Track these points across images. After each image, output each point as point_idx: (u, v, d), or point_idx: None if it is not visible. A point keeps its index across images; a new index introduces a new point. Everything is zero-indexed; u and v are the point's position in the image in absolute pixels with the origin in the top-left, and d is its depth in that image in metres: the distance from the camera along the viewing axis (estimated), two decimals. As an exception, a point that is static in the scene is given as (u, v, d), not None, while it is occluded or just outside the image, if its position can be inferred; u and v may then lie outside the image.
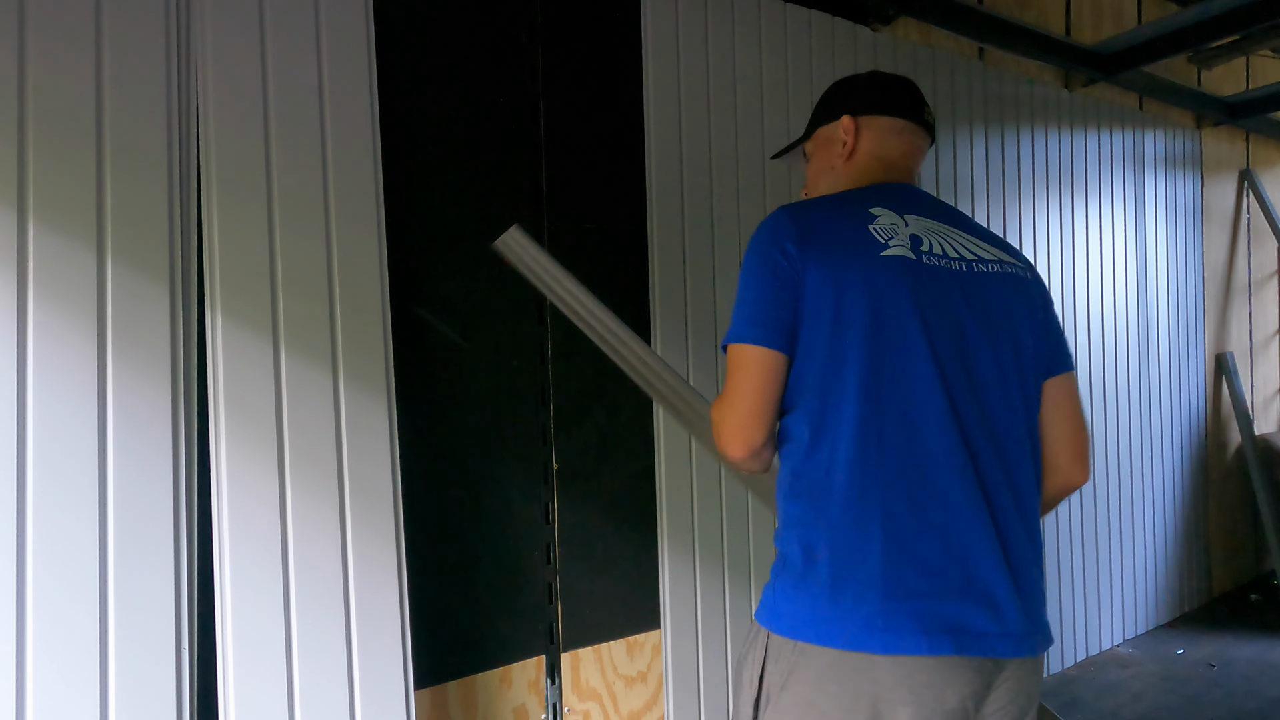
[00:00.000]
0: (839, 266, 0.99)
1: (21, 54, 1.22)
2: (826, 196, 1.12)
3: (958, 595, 0.94)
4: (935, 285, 1.01)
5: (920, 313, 0.98)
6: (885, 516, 0.95)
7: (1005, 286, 1.07)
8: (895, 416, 0.97)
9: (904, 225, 1.04)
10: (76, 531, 1.21)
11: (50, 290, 1.22)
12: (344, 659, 1.41)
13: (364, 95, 1.51)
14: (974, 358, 1.01)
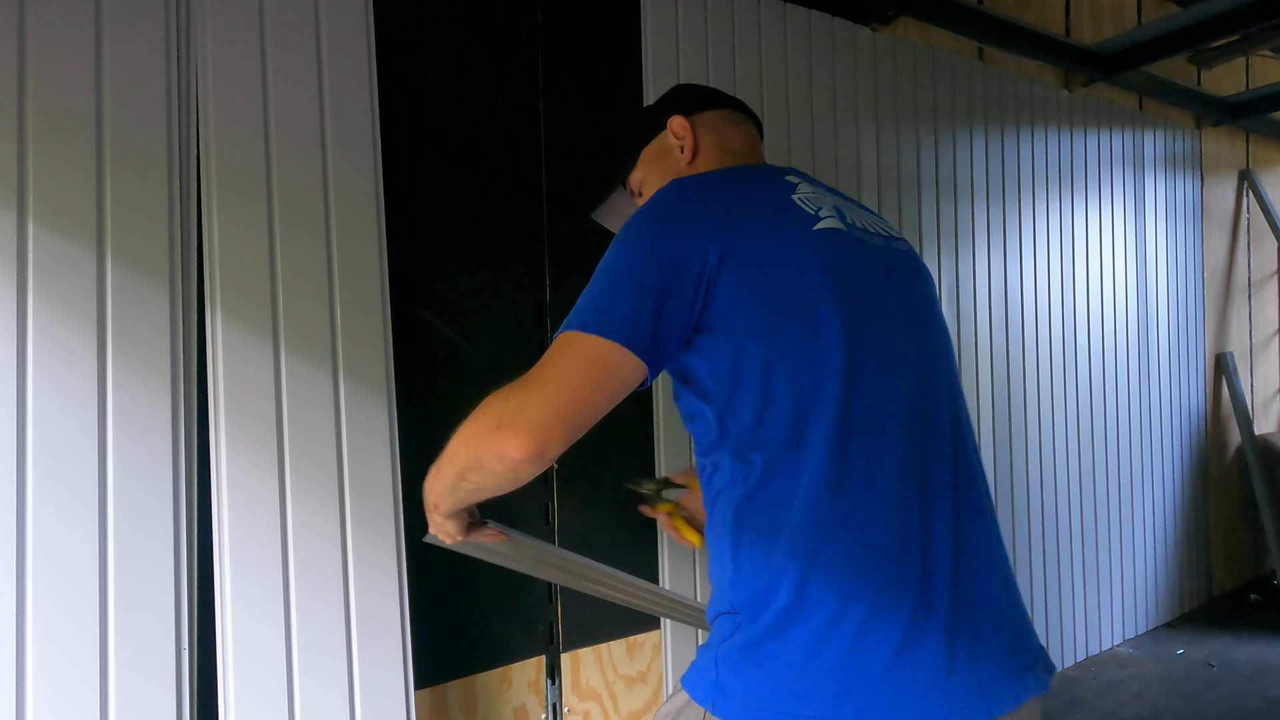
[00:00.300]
0: (770, 256, 0.81)
1: (21, 54, 1.22)
2: (723, 171, 0.92)
3: (966, 643, 0.78)
4: (869, 263, 0.86)
5: (852, 295, 0.83)
6: (870, 558, 0.78)
7: (914, 265, 0.96)
8: (866, 427, 0.81)
9: (825, 195, 0.89)
10: (76, 531, 1.21)
11: (50, 290, 1.22)
12: (344, 659, 1.41)
13: (364, 95, 1.51)
14: (914, 340, 0.88)
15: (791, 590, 0.77)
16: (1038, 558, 2.79)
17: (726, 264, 0.81)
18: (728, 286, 0.81)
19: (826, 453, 0.78)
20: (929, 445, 0.84)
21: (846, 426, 0.79)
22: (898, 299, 0.88)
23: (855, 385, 0.80)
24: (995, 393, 2.67)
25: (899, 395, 0.83)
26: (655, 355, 0.81)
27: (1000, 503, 2.67)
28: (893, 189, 2.39)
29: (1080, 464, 2.97)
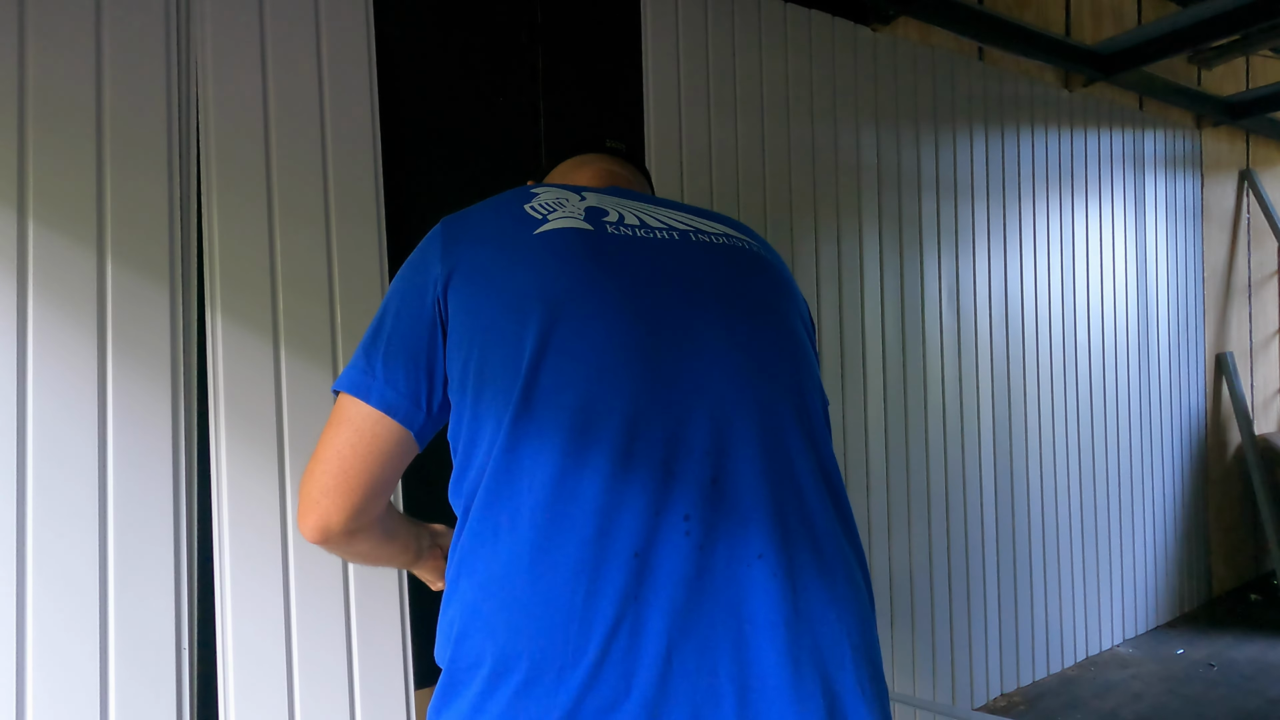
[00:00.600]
0: (486, 268, 0.75)
1: (21, 54, 1.22)
2: (479, 204, 0.88)
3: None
4: (625, 256, 0.76)
5: (606, 285, 0.73)
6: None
7: (739, 258, 0.83)
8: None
9: (578, 199, 0.81)
10: (76, 531, 1.21)
11: (50, 290, 1.22)
12: (344, 659, 1.41)
13: (364, 95, 1.51)
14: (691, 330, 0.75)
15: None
16: (1038, 558, 2.80)
17: (451, 286, 0.75)
18: (454, 313, 0.74)
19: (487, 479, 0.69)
20: (673, 458, 0.69)
21: (513, 443, 0.68)
22: (674, 292, 0.75)
23: (540, 387, 0.69)
24: (995, 393, 2.67)
25: (622, 399, 0.69)
26: (407, 410, 0.74)
27: (1000, 502, 2.67)
28: (893, 189, 2.39)
29: (1080, 464, 2.97)
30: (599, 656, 0.64)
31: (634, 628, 0.65)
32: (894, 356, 2.38)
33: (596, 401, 0.68)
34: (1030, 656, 2.76)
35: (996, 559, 2.66)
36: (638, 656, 0.64)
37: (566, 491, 0.67)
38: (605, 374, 0.69)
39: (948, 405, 2.52)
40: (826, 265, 2.22)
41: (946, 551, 2.50)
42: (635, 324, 0.72)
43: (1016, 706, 2.59)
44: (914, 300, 2.44)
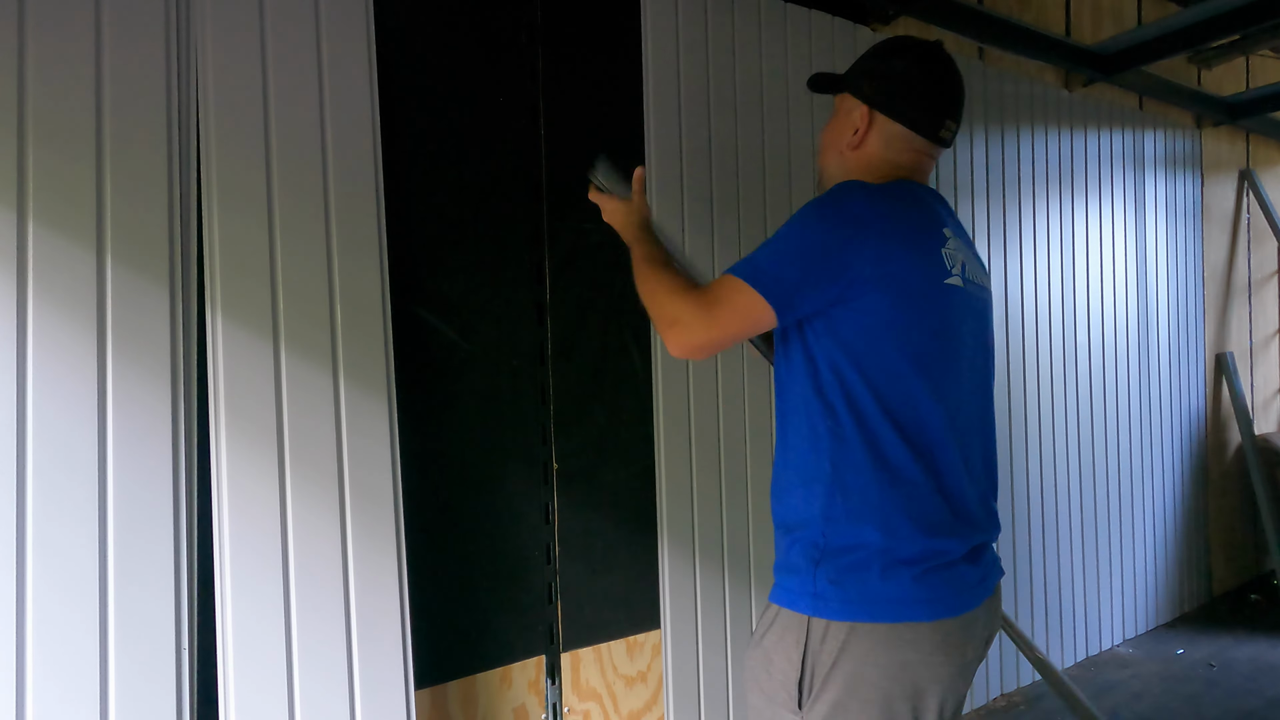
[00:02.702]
0: (914, 286, 1.05)
1: (21, 54, 1.22)
2: (901, 192, 1.11)
3: (961, 560, 1.06)
4: (968, 311, 1.12)
5: (961, 333, 1.11)
6: (920, 501, 1.04)
7: (989, 305, 1.22)
8: (941, 418, 1.06)
9: (957, 251, 1.12)
10: (76, 532, 1.21)
11: (50, 290, 1.22)
12: (344, 659, 1.41)
13: (364, 95, 1.51)
14: (979, 363, 1.16)
15: (866, 531, 1.06)
16: (1038, 558, 2.80)
17: (876, 286, 1.03)
18: (875, 292, 1.04)
19: (886, 441, 1.06)
20: (969, 439, 1.12)
21: (901, 423, 1.06)
22: (978, 338, 1.16)
23: (914, 392, 1.06)
24: (995, 392, 2.66)
25: (948, 408, 1.08)
26: (793, 319, 1.08)
27: (1000, 502, 2.67)
28: (893, 189, 2.39)
29: (1080, 464, 2.97)
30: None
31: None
32: (894, 356, 2.37)
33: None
34: (1030, 656, 2.76)
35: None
36: None
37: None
38: (942, 390, 1.10)
39: (948, 405, 2.52)
40: (826, 265, 2.21)
41: (946, 551, 2.49)
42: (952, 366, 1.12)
43: (1016, 706, 2.59)
44: (914, 300, 2.43)
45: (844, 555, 1.04)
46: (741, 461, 2.01)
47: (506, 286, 1.72)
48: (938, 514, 1.04)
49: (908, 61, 1.15)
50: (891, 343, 1.04)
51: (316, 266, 1.44)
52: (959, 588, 1.04)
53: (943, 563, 1.03)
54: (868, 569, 1.02)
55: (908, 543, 1.02)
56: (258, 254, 1.39)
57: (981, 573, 1.09)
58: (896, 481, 1.04)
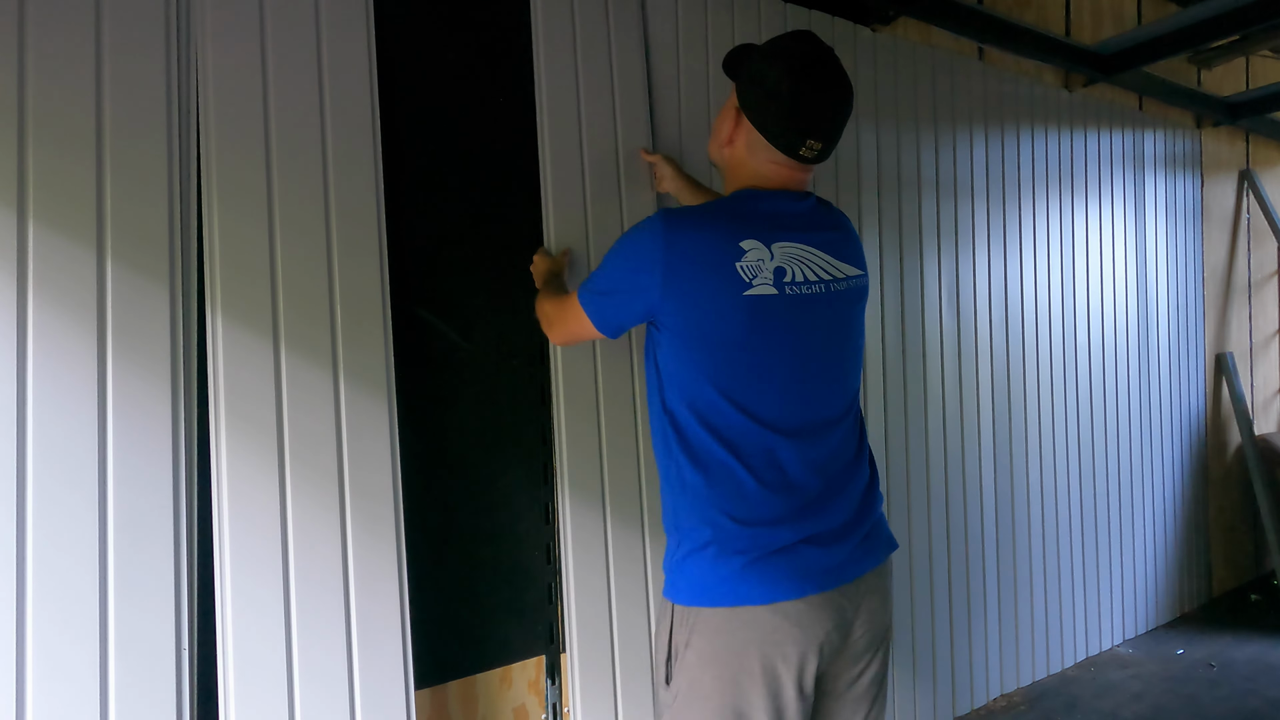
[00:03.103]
0: (705, 304, 1.12)
1: (21, 54, 1.22)
2: (703, 214, 1.18)
3: (800, 544, 1.14)
4: (795, 311, 1.16)
5: (780, 336, 1.15)
6: (742, 497, 1.13)
7: (850, 300, 1.24)
8: (748, 422, 1.14)
9: (770, 259, 1.14)
10: (76, 532, 1.21)
11: (50, 290, 1.22)
12: (344, 659, 1.41)
13: (364, 95, 1.51)
14: (816, 362, 1.20)
15: (706, 526, 1.17)
16: (1038, 558, 2.80)
17: (671, 310, 1.14)
18: (670, 313, 1.15)
19: (727, 443, 1.16)
20: (807, 434, 1.19)
21: (736, 427, 1.16)
22: (820, 333, 1.20)
23: (745, 394, 1.15)
24: (995, 392, 2.67)
25: (782, 398, 1.17)
26: (614, 332, 1.27)
27: (1000, 502, 2.67)
28: (893, 189, 2.39)
29: (1080, 464, 2.97)
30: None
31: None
32: (894, 356, 2.38)
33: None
34: (1030, 656, 2.76)
35: (996, 559, 2.66)
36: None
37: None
38: (771, 389, 1.17)
39: (948, 405, 2.52)
40: (826, 265, 2.22)
41: (946, 551, 2.50)
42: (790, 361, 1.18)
43: (1016, 706, 2.59)
44: (914, 300, 2.44)
45: (688, 545, 1.16)
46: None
47: (506, 286, 1.72)
48: (763, 508, 1.13)
49: (779, 71, 1.12)
50: (693, 356, 1.14)
51: (317, 266, 1.44)
52: (798, 572, 1.12)
53: (772, 550, 1.12)
54: (703, 558, 1.13)
55: (733, 534, 1.12)
56: (258, 254, 1.39)
57: (840, 555, 1.16)
58: (717, 480, 1.14)
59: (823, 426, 1.20)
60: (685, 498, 1.17)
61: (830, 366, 1.22)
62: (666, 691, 1.17)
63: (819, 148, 1.16)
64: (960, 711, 2.52)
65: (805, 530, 1.14)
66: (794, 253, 1.16)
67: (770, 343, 1.14)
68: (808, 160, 1.18)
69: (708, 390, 1.14)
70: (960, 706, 2.52)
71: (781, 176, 1.20)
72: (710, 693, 1.11)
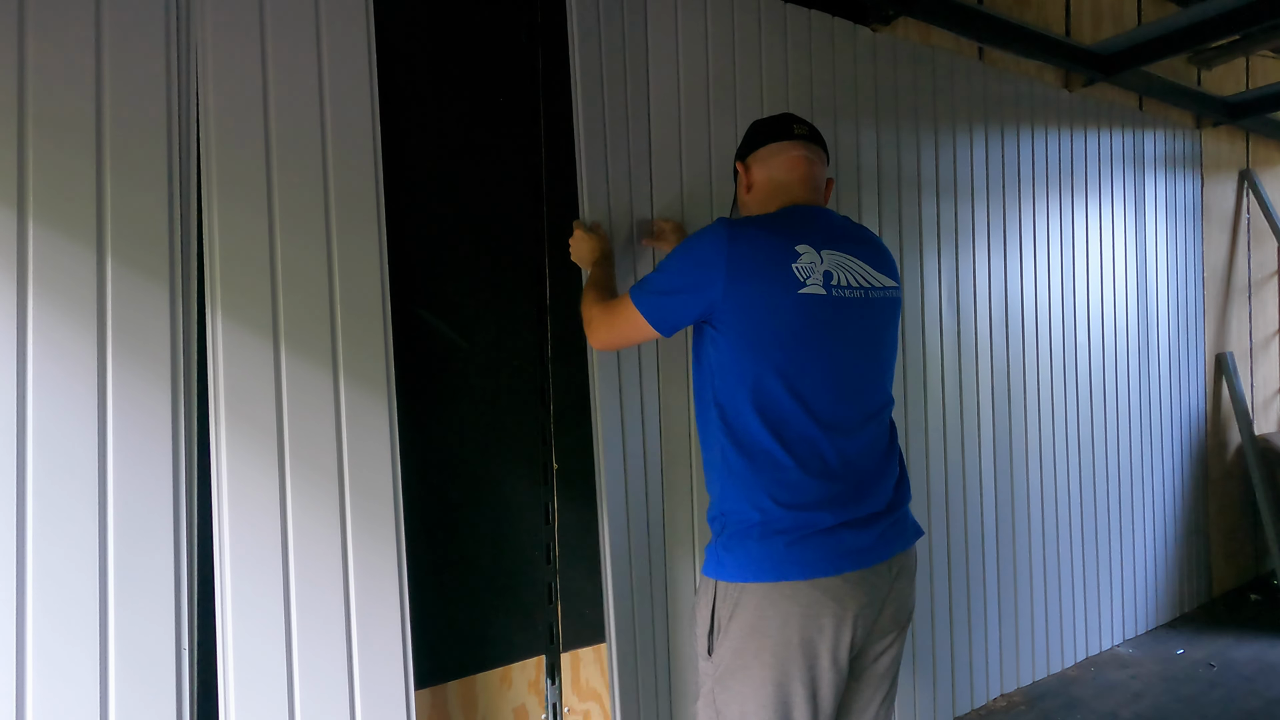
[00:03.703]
0: (765, 300, 1.23)
1: (21, 54, 1.22)
2: (761, 221, 1.30)
3: (839, 528, 1.23)
4: (839, 312, 1.27)
5: (825, 334, 1.25)
6: (786, 483, 1.23)
7: (886, 308, 1.35)
8: (799, 413, 1.24)
9: (820, 263, 1.27)
10: (77, 532, 1.21)
11: (50, 290, 1.22)
12: (344, 659, 1.41)
13: (364, 95, 1.51)
14: (855, 360, 1.29)
15: (752, 508, 1.26)
16: (1038, 557, 2.80)
17: (730, 309, 1.24)
18: (730, 310, 1.25)
19: (773, 431, 1.25)
20: (845, 428, 1.28)
21: (786, 417, 1.26)
22: (861, 336, 1.30)
23: (793, 387, 1.25)
24: (995, 393, 2.67)
25: (826, 391, 1.26)
26: (670, 331, 1.35)
27: (1000, 502, 2.67)
28: (893, 189, 2.39)
29: (1080, 464, 2.97)
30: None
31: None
32: (894, 356, 2.38)
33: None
34: (1030, 656, 2.76)
35: (996, 559, 2.66)
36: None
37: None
38: (818, 384, 1.27)
39: (948, 405, 2.52)
40: (826, 265, 2.22)
41: (946, 551, 2.50)
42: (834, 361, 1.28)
43: (1016, 706, 2.59)
44: (914, 300, 2.44)
45: (733, 527, 1.25)
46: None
47: (506, 286, 1.72)
48: (805, 492, 1.22)
49: (750, 129, 1.47)
50: (749, 352, 1.24)
51: (317, 266, 1.44)
52: (836, 552, 1.22)
53: (813, 531, 1.21)
54: (749, 538, 1.23)
55: (778, 516, 1.22)
56: (258, 254, 1.39)
57: (872, 538, 1.26)
58: (763, 467, 1.23)
59: (858, 422, 1.29)
60: (733, 485, 1.26)
61: (867, 367, 1.32)
62: (709, 662, 1.26)
63: (804, 128, 1.39)
64: (960, 711, 2.52)
65: (843, 515, 1.24)
66: (839, 260, 1.29)
67: (819, 339, 1.25)
68: (803, 137, 1.38)
69: (770, 380, 1.23)
70: (960, 706, 2.52)
71: (802, 171, 1.38)
72: (752, 661, 1.21)
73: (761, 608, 1.20)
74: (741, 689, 1.22)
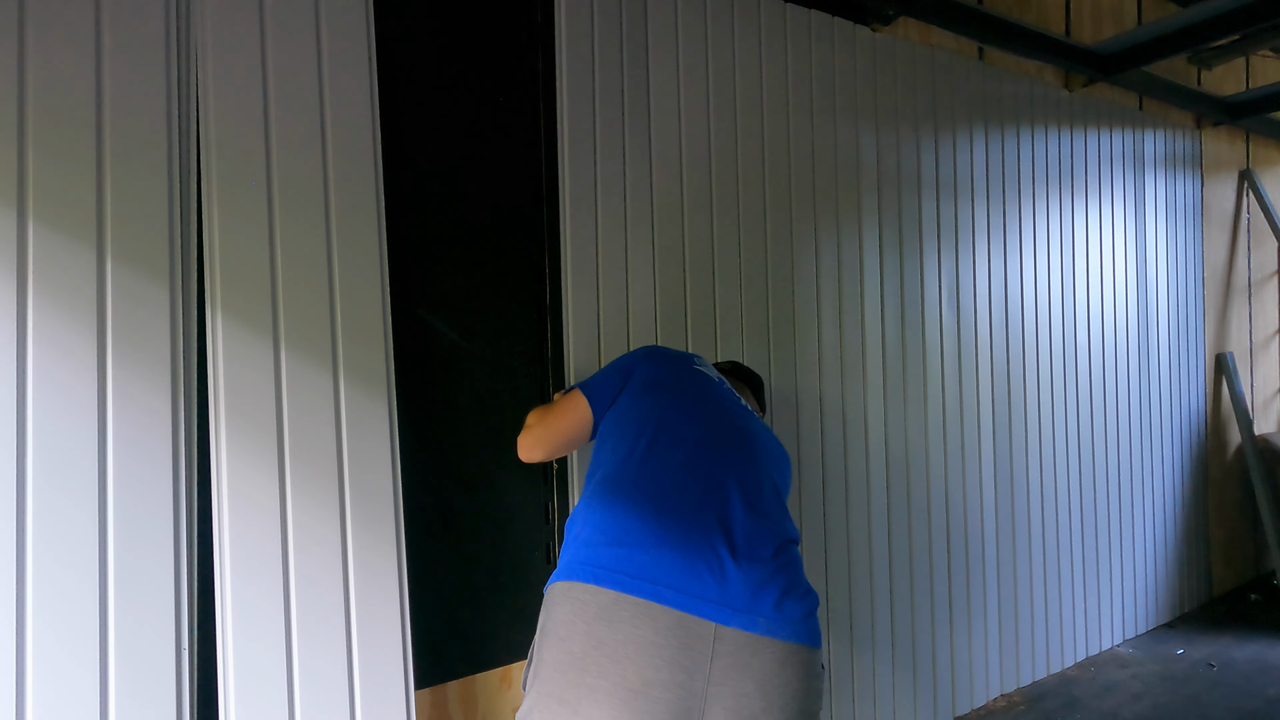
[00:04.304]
0: (658, 383, 1.40)
1: (21, 54, 1.22)
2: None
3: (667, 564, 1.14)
4: (711, 392, 1.41)
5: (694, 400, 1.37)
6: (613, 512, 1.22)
7: (737, 416, 1.40)
8: (655, 463, 1.26)
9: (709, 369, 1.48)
10: (77, 531, 1.21)
11: (50, 290, 1.22)
12: (344, 659, 1.41)
13: (364, 95, 1.51)
14: (702, 440, 1.30)
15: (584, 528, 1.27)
16: (1038, 558, 2.80)
17: (632, 380, 1.43)
18: (631, 391, 1.42)
19: (625, 466, 1.29)
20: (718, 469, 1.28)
21: (645, 454, 1.29)
22: (720, 411, 1.38)
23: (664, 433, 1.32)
24: (995, 393, 2.67)
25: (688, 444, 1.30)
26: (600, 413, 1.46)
27: (1000, 502, 2.67)
28: (893, 189, 2.39)
29: (1080, 464, 2.97)
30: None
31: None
32: (894, 356, 2.38)
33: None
34: (1030, 656, 2.76)
35: (996, 559, 2.66)
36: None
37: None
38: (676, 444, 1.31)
39: (948, 405, 2.52)
40: (826, 265, 2.22)
41: (946, 551, 2.50)
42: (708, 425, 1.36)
43: (1016, 706, 2.59)
44: (914, 300, 2.44)
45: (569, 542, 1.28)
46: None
47: (507, 286, 1.72)
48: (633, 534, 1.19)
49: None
50: (625, 421, 1.34)
51: (317, 266, 1.44)
52: (632, 575, 1.13)
53: (619, 558, 1.17)
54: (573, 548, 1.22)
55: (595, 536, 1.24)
56: (258, 254, 1.39)
57: (710, 594, 1.12)
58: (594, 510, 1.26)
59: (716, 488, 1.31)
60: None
61: (725, 448, 1.35)
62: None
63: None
64: (960, 711, 2.52)
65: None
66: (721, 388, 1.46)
67: (694, 417, 1.37)
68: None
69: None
70: (960, 706, 2.52)
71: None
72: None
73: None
74: None
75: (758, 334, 2.07)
